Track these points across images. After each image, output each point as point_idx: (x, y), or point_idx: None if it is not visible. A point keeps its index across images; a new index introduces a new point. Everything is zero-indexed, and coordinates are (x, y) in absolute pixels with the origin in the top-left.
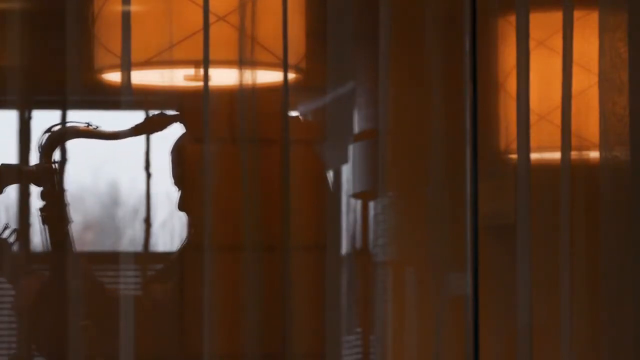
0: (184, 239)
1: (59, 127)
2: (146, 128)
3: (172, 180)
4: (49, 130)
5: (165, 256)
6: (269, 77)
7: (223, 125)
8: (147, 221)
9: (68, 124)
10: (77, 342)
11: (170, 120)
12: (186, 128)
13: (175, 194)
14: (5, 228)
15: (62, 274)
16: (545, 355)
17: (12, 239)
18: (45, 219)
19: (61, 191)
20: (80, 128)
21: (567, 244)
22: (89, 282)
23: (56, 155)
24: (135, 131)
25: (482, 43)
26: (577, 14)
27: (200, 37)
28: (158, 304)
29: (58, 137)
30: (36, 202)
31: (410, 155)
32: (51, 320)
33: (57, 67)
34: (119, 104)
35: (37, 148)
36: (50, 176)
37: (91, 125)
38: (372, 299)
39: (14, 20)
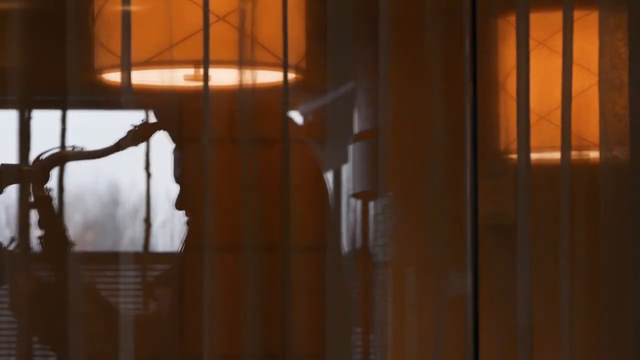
0: (182, 239)
1: (47, 154)
2: (132, 140)
3: (173, 179)
4: (37, 159)
5: (165, 256)
6: (269, 77)
7: (223, 125)
8: (147, 221)
9: (55, 151)
10: (77, 342)
11: (153, 128)
12: (171, 133)
13: (175, 193)
14: (12, 241)
15: (63, 284)
16: (545, 355)
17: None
18: (45, 246)
19: (59, 216)
20: (67, 152)
21: (567, 244)
22: (88, 289)
23: (50, 183)
24: (119, 146)
25: (482, 43)
26: (577, 14)
27: (200, 37)
28: (158, 304)
29: (48, 165)
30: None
31: (410, 155)
32: (52, 321)
33: (57, 67)
34: (119, 104)
35: (29, 177)
36: (46, 203)
37: (76, 148)
38: (372, 299)
39: (14, 20)
